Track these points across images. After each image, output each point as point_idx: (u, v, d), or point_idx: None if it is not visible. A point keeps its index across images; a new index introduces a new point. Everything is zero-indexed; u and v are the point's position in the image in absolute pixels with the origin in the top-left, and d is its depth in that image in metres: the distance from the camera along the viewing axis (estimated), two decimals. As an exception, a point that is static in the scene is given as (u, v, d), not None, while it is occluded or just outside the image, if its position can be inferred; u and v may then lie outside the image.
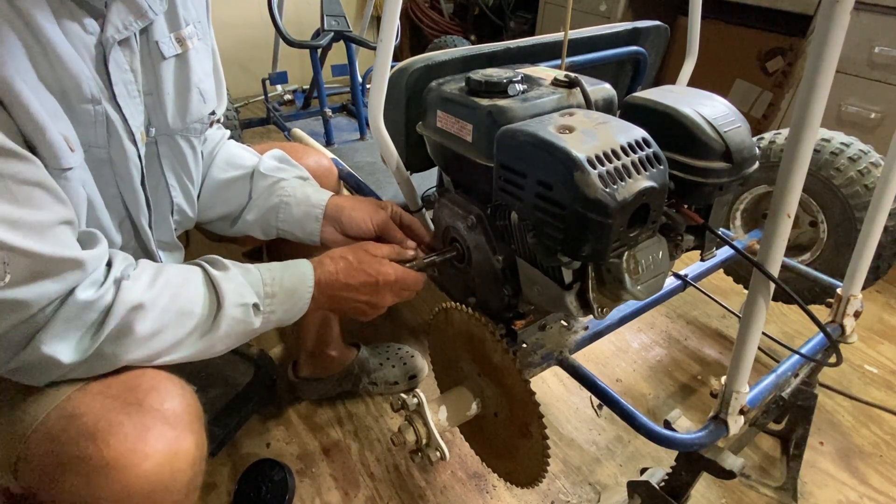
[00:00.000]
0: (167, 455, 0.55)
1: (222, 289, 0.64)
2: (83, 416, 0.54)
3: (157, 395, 0.58)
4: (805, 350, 0.86)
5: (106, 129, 0.63)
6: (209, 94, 0.78)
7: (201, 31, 0.76)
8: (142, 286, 0.59)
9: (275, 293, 0.69)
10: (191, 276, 0.65)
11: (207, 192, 0.88)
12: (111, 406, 0.56)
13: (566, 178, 0.54)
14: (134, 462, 0.53)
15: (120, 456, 0.52)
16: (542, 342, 0.83)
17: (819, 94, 0.49)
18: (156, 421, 0.56)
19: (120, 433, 0.53)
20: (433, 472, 1.12)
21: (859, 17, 1.68)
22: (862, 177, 1.12)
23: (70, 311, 0.54)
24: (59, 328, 0.54)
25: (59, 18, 0.55)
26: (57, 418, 0.55)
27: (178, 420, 0.58)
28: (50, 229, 0.53)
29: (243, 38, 2.82)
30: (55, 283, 0.53)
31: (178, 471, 0.56)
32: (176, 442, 0.56)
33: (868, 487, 1.12)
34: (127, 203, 0.70)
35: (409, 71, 0.82)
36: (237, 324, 0.66)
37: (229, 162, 0.89)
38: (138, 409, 0.56)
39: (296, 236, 0.88)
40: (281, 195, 0.86)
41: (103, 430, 0.53)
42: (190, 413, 0.60)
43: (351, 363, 1.25)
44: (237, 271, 0.68)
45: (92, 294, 0.56)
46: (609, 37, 1.01)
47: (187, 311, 0.62)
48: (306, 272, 0.72)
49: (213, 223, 0.91)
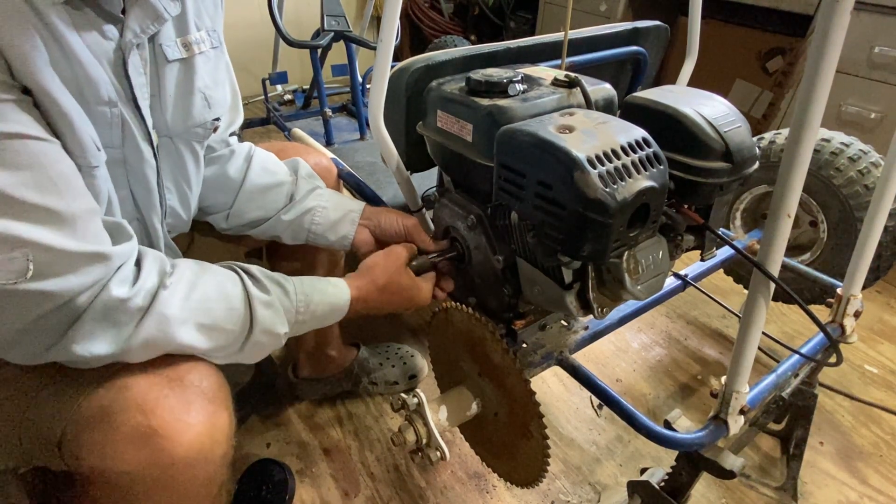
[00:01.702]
0: (207, 426, 0.59)
1: (258, 315, 0.66)
2: (130, 389, 0.58)
3: (196, 374, 0.62)
4: (805, 350, 0.86)
5: (121, 130, 0.64)
6: (216, 100, 0.78)
7: (216, 40, 0.77)
8: (179, 298, 0.61)
9: (305, 321, 0.71)
10: (229, 291, 0.65)
11: (245, 197, 0.89)
12: (156, 381, 0.59)
13: (566, 178, 0.54)
14: (179, 431, 0.57)
15: (166, 425, 0.56)
16: (542, 342, 0.83)
17: (819, 94, 0.49)
18: (196, 396, 0.60)
19: (166, 405, 0.57)
20: (433, 472, 1.12)
21: (859, 17, 1.68)
22: (862, 177, 1.12)
23: (103, 306, 0.56)
24: (91, 326, 0.55)
25: (78, 26, 0.57)
26: (106, 391, 0.58)
27: (215, 396, 0.62)
28: (79, 220, 0.54)
29: (243, 38, 2.82)
30: (79, 276, 0.54)
31: (217, 442, 0.60)
32: (215, 415, 0.61)
33: (868, 487, 1.12)
34: (139, 203, 0.72)
35: (409, 71, 0.82)
36: (262, 348, 0.68)
37: (265, 168, 0.91)
38: (180, 384, 0.60)
39: (327, 240, 0.90)
40: (318, 199, 0.90)
41: (151, 402, 0.57)
42: (224, 391, 0.65)
43: (351, 363, 1.25)
44: (276, 295, 0.68)
45: (125, 291, 0.57)
46: (609, 37, 1.01)
47: (220, 328, 0.64)
48: (343, 304, 0.74)
49: (240, 228, 0.92)
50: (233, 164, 0.89)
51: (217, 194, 0.89)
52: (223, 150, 0.89)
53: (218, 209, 0.90)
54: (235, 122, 0.87)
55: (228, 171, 0.88)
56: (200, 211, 0.90)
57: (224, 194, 0.89)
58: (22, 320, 0.52)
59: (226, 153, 0.89)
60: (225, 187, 0.89)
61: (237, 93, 0.86)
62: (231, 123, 0.86)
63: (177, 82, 0.72)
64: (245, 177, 0.89)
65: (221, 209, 0.90)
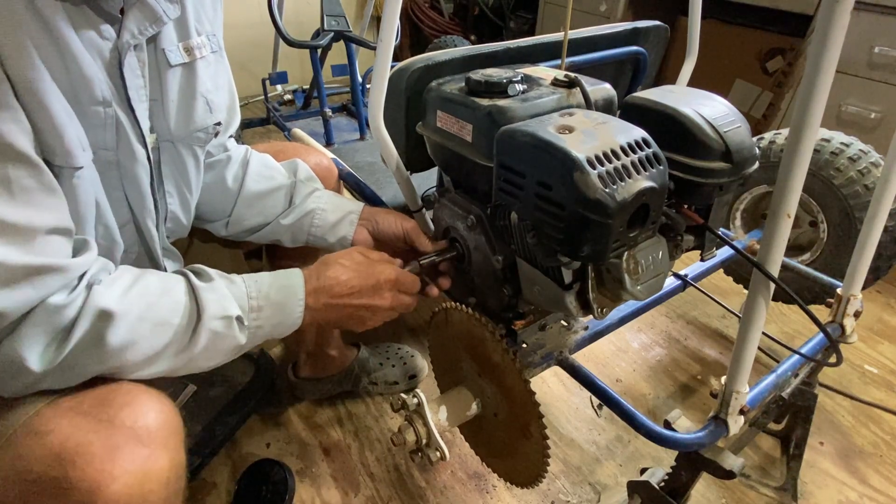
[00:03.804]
0: (137, 476, 0.52)
1: (203, 299, 0.61)
2: (50, 433, 0.52)
3: (130, 412, 0.55)
4: (805, 350, 0.86)
5: (115, 131, 0.64)
6: (217, 104, 0.78)
7: (215, 44, 0.77)
8: (116, 293, 0.57)
9: (261, 306, 0.66)
10: (171, 285, 0.62)
11: (243, 204, 0.89)
12: (80, 424, 0.53)
13: (566, 179, 0.54)
14: (102, 484, 0.50)
15: (87, 477, 0.50)
16: (542, 342, 0.83)
17: (819, 94, 0.49)
18: (127, 439, 0.53)
19: (87, 453, 0.51)
20: (433, 472, 1.12)
21: (859, 17, 1.68)
22: (862, 177, 1.12)
23: (39, 314, 0.53)
24: (26, 331, 0.52)
25: (76, 24, 0.56)
26: (24, 435, 0.53)
27: (151, 438, 0.55)
28: (39, 234, 0.53)
29: (243, 38, 2.82)
30: (29, 290, 0.51)
31: (150, 491, 0.53)
32: (148, 461, 0.54)
33: (868, 487, 1.12)
34: (133, 205, 0.71)
35: (409, 71, 0.82)
36: (219, 338, 0.63)
37: (262, 173, 0.91)
38: (109, 426, 0.54)
39: (327, 242, 0.90)
40: (317, 202, 0.90)
41: (70, 451, 0.51)
42: (167, 429, 0.57)
43: (351, 363, 1.25)
44: (221, 283, 0.65)
45: (63, 298, 0.54)
46: (609, 37, 1.01)
47: (163, 322, 0.59)
48: (296, 283, 0.69)
49: (240, 234, 0.92)
50: (230, 171, 0.88)
51: (216, 202, 0.88)
52: (221, 154, 0.88)
53: (217, 217, 0.90)
54: (232, 124, 0.87)
55: (226, 179, 0.88)
56: (199, 219, 0.89)
57: (223, 202, 0.89)
58: None
59: (223, 159, 0.89)
60: (223, 195, 0.88)
61: (235, 96, 0.86)
62: (229, 126, 0.86)
63: (179, 87, 0.72)
64: (242, 184, 0.89)
65: (221, 217, 0.90)
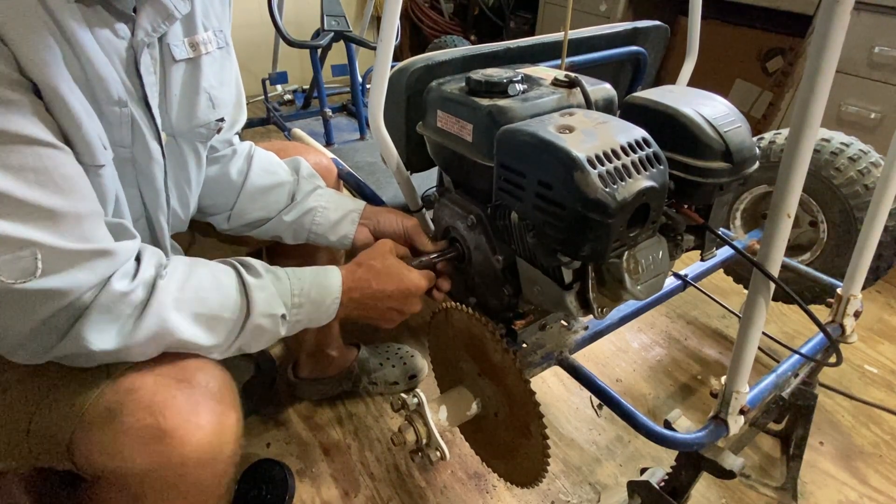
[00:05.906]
0: (216, 427, 0.60)
1: (254, 298, 0.65)
2: (139, 390, 0.58)
3: (203, 375, 0.62)
4: (805, 350, 0.86)
5: (131, 129, 0.65)
6: (221, 100, 0.78)
7: (222, 40, 0.77)
8: (174, 287, 0.61)
9: (302, 304, 0.70)
10: (224, 279, 0.66)
11: (246, 198, 0.89)
12: (164, 382, 0.59)
13: (566, 178, 0.54)
14: (189, 432, 0.57)
15: (176, 426, 0.57)
16: (542, 342, 0.83)
17: (819, 94, 0.49)
18: (205, 397, 0.60)
19: (175, 406, 0.58)
20: (433, 472, 1.12)
21: (859, 17, 1.68)
22: (862, 177, 1.12)
23: (107, 299, 0.56)
24: (96, 317, 0.56)
25: (91, 24, 0.57)
26: (113, 393, 0.58)
27: (223, 397, 0.62)
28: (84, 220, 0.55)
29: (243, 38, 2.81)
30: (86, 273, 0.54)
31: (226, 442, 0.61)
32: (223, 416, 0.61)
33: (868, 487, 1.12)
34: (146, 201, 0.72)
35: (409, 71, 0.82)
36: (262, 332, 0.67)
37: (266, 168, 0.91)
38: (188, 385, 0.60)
39: (328, 240, 0.90)
40: (319, 200, 0.90)
41: (160, 403, 0.57)
42: (231, 392, 0.65)
43: (351, 363, 1.25)
44: (269, 279, 0.68)
45: (125, 285, 0.57)
46: (609, 37, 1.01)
47: (216, 317, 0.63)
48: (334, 283, 0.73)
49: (242, 228, 0.92)
50: (234, 165, 0.89)
51: (219, 195, 0.89)
52: (226, 149, 0.89)
53: (219, 210, 0.90)
54: (239, 121, 0.87)
55: (230, 172, 0.88)
56: (201, 212, 0.90)
57: (225, 195, 0.89)
58: (31, 319, 0.53)
59: (228, 153, 0.89)
60: (227, 188, 0.89)
61: (242, 92, 0.86)
62: (235, 122, 0.86)
63: (182, 82, 0.72)
64: (246, 177, 0.89)
65: (223, 210, 0.90)
